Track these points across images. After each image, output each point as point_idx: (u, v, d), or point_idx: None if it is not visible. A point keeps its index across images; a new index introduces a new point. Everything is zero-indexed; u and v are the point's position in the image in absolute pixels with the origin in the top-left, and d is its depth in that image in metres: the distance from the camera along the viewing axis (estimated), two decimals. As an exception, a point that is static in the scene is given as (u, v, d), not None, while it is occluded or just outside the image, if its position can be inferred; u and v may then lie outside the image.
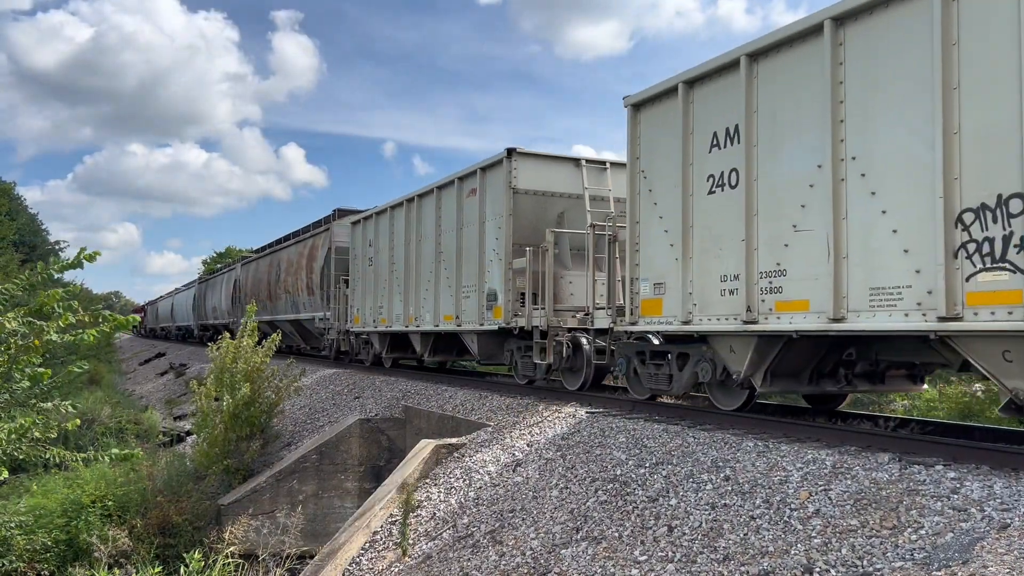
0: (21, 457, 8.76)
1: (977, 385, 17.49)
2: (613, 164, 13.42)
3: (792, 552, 5.52)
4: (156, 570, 9.06)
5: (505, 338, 13.52)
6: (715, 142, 8.89)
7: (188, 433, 17.68)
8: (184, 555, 9.29)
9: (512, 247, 12.87)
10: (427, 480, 10.29)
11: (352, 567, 9.21)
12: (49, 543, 11.16)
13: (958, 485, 5.61)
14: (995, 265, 6.22)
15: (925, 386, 10.15)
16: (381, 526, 9.69)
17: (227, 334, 15.81)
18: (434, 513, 9.24)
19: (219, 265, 57.61)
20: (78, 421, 10.61)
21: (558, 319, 11.95)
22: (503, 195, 13.03)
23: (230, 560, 9.41)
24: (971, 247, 6.38)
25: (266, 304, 29.02)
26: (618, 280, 10.97)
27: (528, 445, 9.84)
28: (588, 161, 13.40)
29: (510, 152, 12.96)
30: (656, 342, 10.29)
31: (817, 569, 5.23)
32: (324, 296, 22.60)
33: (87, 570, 10.31)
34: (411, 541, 8.73)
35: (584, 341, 11.71)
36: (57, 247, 57.04)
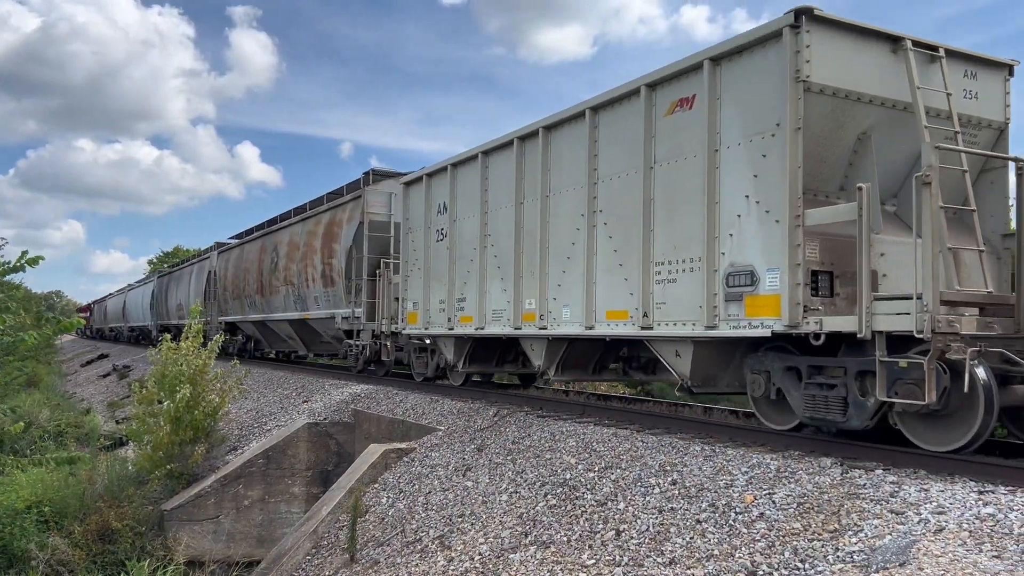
0: None
1: None
2: (949, 53, 7.95)
3: (737, 555, 5.61)
4: (95, 577, 8.84)
5: (740, 351, 8.55)
6: None
7: (129, 437, 17.25)
8: (126, 562, 9.09)
9: (800, 192, 7.32)
10: (376, 485, 10.21)
11: (298, 573, 9.09)
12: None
13: (896, 489, 5.76)
14: None
15: None
16: (328, 531, 9.59)
17: (168, 336, 15.45)
18: (383, 518, 9.17)
19: (166, 265, 55.75)
20: (22, 425, 10.33)
21: (949, 321, 6.48)
22: (778, 96, 7.42)
23: (175, 565, 9.24)
24: None
25: (255, 300, 24.24)
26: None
27: (478, 450, 9.83)
28: (915, 44, 7.73)
29: (799, 15, 7.26)
30: None
31: (761, 572, 5.32)
32: (351, 287, 17.65)
33: (22, 578, 10.02)
34: (359, 546, 8.65)
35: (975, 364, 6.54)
36: (-5, 244, 55.39)
